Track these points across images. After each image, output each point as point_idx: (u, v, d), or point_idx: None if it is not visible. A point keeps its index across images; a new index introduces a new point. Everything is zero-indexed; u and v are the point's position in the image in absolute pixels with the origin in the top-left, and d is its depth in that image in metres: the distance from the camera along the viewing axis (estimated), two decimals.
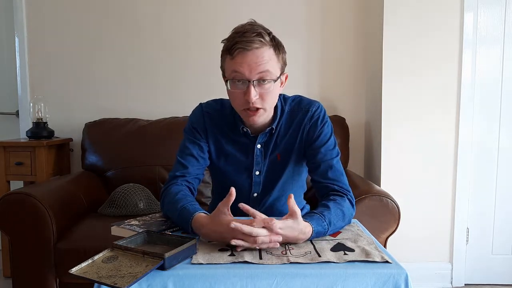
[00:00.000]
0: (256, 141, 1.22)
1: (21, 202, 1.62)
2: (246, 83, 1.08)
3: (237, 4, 2.43)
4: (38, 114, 2.36)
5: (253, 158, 1.23)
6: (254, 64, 1.06)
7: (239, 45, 1.05)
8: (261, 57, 1.06)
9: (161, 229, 1.05)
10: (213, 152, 1.25)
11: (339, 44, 2.48)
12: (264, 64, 1.07)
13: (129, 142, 2.24)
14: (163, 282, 0.78)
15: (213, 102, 1.28)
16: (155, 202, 2.01)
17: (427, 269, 2.22)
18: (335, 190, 1.14)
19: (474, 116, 2.18)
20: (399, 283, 0.79)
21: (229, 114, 1.24)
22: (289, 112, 1.24)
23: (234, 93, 1.11)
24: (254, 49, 1.06)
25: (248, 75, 1.07)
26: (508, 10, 2.13)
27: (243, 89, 1.09)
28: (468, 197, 2.21)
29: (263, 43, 1.07)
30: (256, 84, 1.08)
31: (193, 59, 2.49)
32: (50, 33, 2.50)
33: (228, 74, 1.11)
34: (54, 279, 1.66)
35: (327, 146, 1.20)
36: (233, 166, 1.25)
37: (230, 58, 1.09)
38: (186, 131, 1.25)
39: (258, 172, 1.25)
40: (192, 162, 1.21)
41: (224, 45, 1.11)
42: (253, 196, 1.27)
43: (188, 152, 1.21)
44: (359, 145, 2.50)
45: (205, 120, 1.24)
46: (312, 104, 1.24)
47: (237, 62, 1.07)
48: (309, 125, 1.21)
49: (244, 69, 1.06)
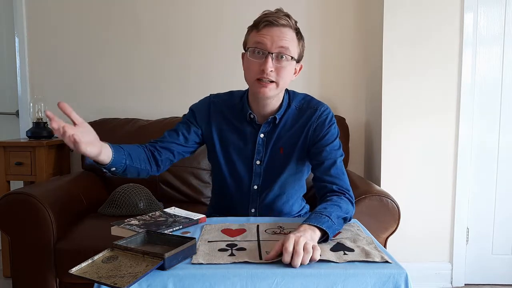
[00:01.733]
0: (260, 130, 1.23)
1: (21, 202, 1.62)
2: (266, 54, 1.11)
3: (237, 5, 2.44)
4: (38, 114, 2.36)
5: (254, 147, 1.24)
6: (277, 38, 1.11)
7: (267, 18, 1.12)
8: (284, 34, 1.12)
9: (161, 229, 1.06)
10: (216, 140, 1.27)
11: (339, 44, 2.48)
12: (286, 41, 1.12)
13: (129, 142, 2.21)
14: (163, 282, 0.78)
15: (222, 93, 1.33)
16: (155, 202, 2.01)
17: (427, 269, 2.22)
18: (334, 190, 1.14)
19: (474, 116, 2.18)
20: (399, 283, 0.79)
21: (237, 102, 1.27)
22: (298, 108, 1.26)
23: (252, 62, 1.14)
24: (280, 26, 1.12)
25: (269, 47, 1.11)
26: (508, 10, 2.13)
27: (261, 60, 1.12)
28: (468, 197, 2.21)
29: (289, 23, 1.13)
30: (274, 57, 1.12)
31: (193, 60, 2.49)
32: (50, 33, 2.50)
33: (250, 44, 1.15)
34: (54, 279, 1.66)
35: (333, 146, 1.21)
36: (234, 154, 1.26)
37: (256, 31, 1.14)
38: (185, 114, 1.31)
39: (259, 162, 1.25)
40: (172, 136, 1.24)
41: (252, 23, 1.16)
42: (253, 189, 1.27)
43: (174, 128, 1.26)
44: (359, 145, 2.50)
45: (210, 107, 1.28)
46: (321, 105, 1.27)
47: (262, 34, 1.12)
48: (316, 123, 1.23)
49: (267, 40, 1.11)
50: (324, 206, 1.05)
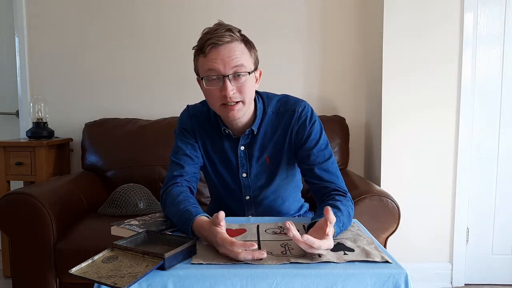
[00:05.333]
0: (239, 143, 1.21)
1: (21, 202, 1.62)
2: (222, 79, 1.07)
3: (237, 5, 2.43)
4: (38, 114, 2.36)
5: (237, 160, 1.23)
6: (228, 58, 1.06)
7: (210, 41, 1.06)
8: (233, 51, 1.07)
9: (161, 229, 1.05)
10: (203, 154, 1.25)
11: (339, 44, 2.47)
12: (238, 58, 1.07)
13: (129, 142, 2.24)
14: (163, 282, 0.78)
15: (200, 104, 1.28)
16: (155, 202, 2.01)
17: (427, 269, 2.21)
18: (336, 189, 1.14)
19: (474, 116, 2.18)
20: (399, 283, 0.79)
21: (213, 116, 1.23)
22: (275, 113, 1.22)
23: (210, 90, 1.10)
24: (226, 44, 1.06)
25: (223, 70, 1.06)
26: (508, 9, 2.13)
27: (219, 86, 1.08)
28: (468, 197, 2.21)
29: (233, 37, 1.08)
30: (232, 78, 1.07)
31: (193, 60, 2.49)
32: (50, 33, 2.50)
33: (203, 73, 1.10)
34: (54, 279, 1.66)
35: (319, 147, 1.18)
36: (221, 167, 1.25)
37: (202, 56, 1.09)
38: (177, 133, 1.26)
39: (245, 175, 1.24)
40: (187, 161, 1.20)
41: (196, 47, 1.11)
42: (246, 199, 1.27)
43: (182, 152, 1.21)
44: (359, 145, 2.50)
45: (192, 122, 1.24)
46: (298, 104, 1.21)
47: (211, 59, 1.07)
48: (297, 126, 1.19)
49: (218, 65, 1.06)
50: (337, 208, 1.03)
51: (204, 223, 0.96)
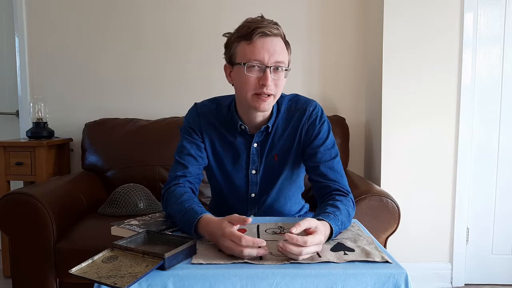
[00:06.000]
0: (253, 140, 1.22)
1: (21, 202, 1.62)
2: (263, 68, 1.08)
3: (237, 5, 2.43)
4: (38, 114, 2.36)
5: (249, 157, 1.23)
6: (273, 51, 1.08)
7: (260, 29, 1.07)
8: (278, 45, 1.09)
9: (161, 229, 1.05)
10: (209, 153, 1.24)
11: (339, 44, 2.48)
12: (281, 53, 1.09)
13: (129, 142, 2.24)
14: (163, 282, 0.78)
15: (208, 102, 1.28)
16: (155, 202, 2.01)
17: (427, 269, 2.22)
18: (338, 189, 1.14)
19: (474, 116, 2.18)
20: (399, 283, 0.79)
21: (226, 112, 1.23)
22: (286, 111, 1.23)
23: (248, 77, 1.09)
24: (273, 36, 1.08)
25: (267, 61, 1.07)
26: (508, 10, 2.13)
27: (258, 75, 1.09)
28: (468, 197, 2.21)
29: (279, 32, 1.10)
30: (272, 70, 1.09)
31: (193, 60, 2.49)
32: (50, 33, 2.50)
33: (244, 59, 1.09)
34: (54, 279, 1.65)
35: (326, 146, 1.19)
36: (229, 166, 1.25)
37: (247, 43, 1.08)
38: (183, 131, 1.25)
39: (255, 171, 1.24)
40: (191, 161, 1.20)
41: (239, 32, 1.11)
42: (251, 197, 1.27)
43: (186, 152, 1.21)
44: (359, 145, 2.50)
45: (200, 120, 1.23)
46: (309, 104, 1.23)
47: (257, 47, 1.07)
48: (308, 124, 1.21)
49: (263, 54, 1.07)
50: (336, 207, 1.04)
51: (213, 219, 0.96)
